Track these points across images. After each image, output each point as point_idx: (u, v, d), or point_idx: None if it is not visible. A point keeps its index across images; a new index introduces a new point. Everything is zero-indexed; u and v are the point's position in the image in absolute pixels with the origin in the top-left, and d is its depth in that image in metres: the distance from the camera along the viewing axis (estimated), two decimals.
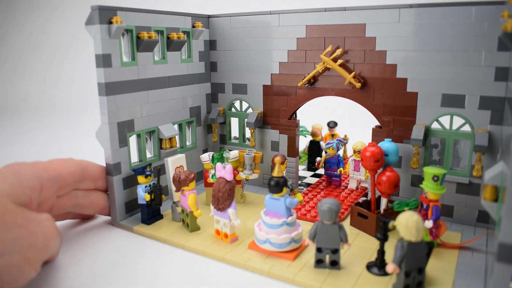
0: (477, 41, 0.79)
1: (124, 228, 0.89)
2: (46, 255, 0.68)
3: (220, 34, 1.08)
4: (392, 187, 0.82)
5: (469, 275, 0.69)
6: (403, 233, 0.64)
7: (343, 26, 0.92)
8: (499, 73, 0.79)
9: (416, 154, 0.87)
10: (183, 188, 0.85)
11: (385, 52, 0.89)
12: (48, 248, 0.68)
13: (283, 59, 1.01)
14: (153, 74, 0.94)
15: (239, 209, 0.95)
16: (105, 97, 0.84)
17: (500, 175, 0.64)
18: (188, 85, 1.05)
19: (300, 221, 0.85)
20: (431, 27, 0.83)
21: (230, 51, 1.08)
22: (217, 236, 0.84)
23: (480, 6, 0.78)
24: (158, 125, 0.97)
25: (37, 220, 0.67)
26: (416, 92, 0.87)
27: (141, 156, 0.95)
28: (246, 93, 1.08)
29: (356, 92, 0.94)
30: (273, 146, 1.07)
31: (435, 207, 0.78)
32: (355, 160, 1.04)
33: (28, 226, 0.64)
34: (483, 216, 0.85)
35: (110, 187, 0.88)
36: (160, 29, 0.94)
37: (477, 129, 0.82)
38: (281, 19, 0.99)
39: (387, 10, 0.86)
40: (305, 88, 1.00)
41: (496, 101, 0.80)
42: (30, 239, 0.64)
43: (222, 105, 1.13)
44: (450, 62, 0.82)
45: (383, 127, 0.93)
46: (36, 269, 0.65)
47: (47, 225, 0.68)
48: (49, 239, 0.68)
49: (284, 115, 1.04)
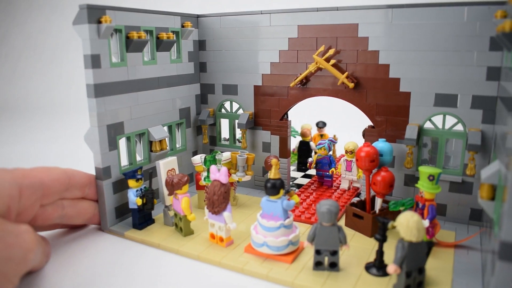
0: (469, 41, 0.80)
1: (114, 234, 0.87)
2: (25, 269, 0.65)
3: (210, 34, 1.06)
4: (387, 187, 0.82)
5: (466, 273, 0.70)
6: (404, 233, 0.63)
7: (336, 26, 0.92)
8: (491, 72, 0.80)
9: (410, 154, 0.88)
10: (176, 192, 0.83)
11: (377, 52, 0.89)
12: (27, 262, 0.65)
13: (274, 59, 1.00)
14: (142, 75, 0.92)
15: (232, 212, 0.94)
16: (94, 99, 0.81)
17: (497, 174, 0.64)
18: (178, 86, 1.03)
19: (295, 222, 0.84)
20: (423, 27, 0.83)
21: (220, 51, 1.06)
22: (212, 240, 0.82)
23: (472, 7, 0.78)
24: (148, 127, 0.95)
25: (15, 232, 0.64)
26: (409, 92, 0.87)
27: (131, 159, 0.92)
28: (237, 94, 1.07)
29: (349, 92, 0.94)
30: (264, 147, 1.06)
31: (431, 206, 0.78)
32: (347, 160, 1.04)
33: (4, 239, 0.61)
34: (476, 214, 0.86)
35: (100, 191, 0.85)
36: (150, 29, 0.92)
37: (469, 128, 0.83)
38: (272, 19, 0.98)
39: (379, 10, 0.86)
40: (297, 88, 0.99)
41: (488, 100, 0.81)
42: (6, 252, 0.60)
43: (212, 106, 1.11)
44: (443, 62, 0.83)
45: (376, 127, 0.93)
46: (13, 283, 0.62)
47: (26, 237, 0.65)
48: (27, 253, 0.65)
49: (276, 116, 1.03)
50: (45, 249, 0.74)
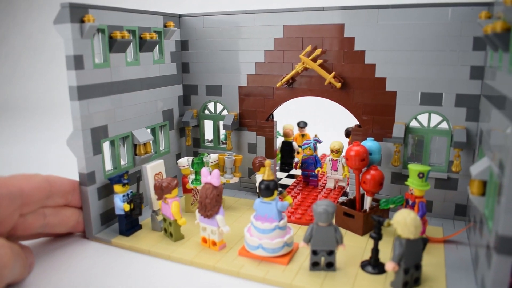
0: (453, 41, 0.82)
1: (101, 241, 0.84)
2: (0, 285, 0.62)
3: (192, 34, 1.04)
4: (377, 185, 0.83)
5: (458, 268, 0.72)
6: (401, 231, 0.64)
7: (322, 26, 0.92)
8: (474, 71, 0.82)
9: (397, 152, 0.89)
10: (165, 196, 0.81)
11: (364, 52, 0.90)
12: (2, 278, 0.62)
13: (259, 59, 0.99)
14: (126, 76, 0.89)
15: None
16: (78, 102, 0.78)
17: (487, 171, 0.66)
18: (161, 87, 1.01)
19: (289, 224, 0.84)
20: (409, 27, 0.85)
21: (203, 52, 1.04)
22: (204, 244, 0.80)
23: (456, 8, 0.80)
24: (132, 130, 0.92)
25: None
26: (395, 91, 0.89)
27: (115, 164, 0.89)
28: (221, 95, 1.05)
29: (335, 92, 0.94)
30: (250, 148, 1.05)
31: (421, 203, 0.80)
32: (333, 159, 1.04)
33: None
34: (461, 209, 0.89)
35: (84, 198, 0.82)
36: (132, 28, 0.89)
37: (454, 126, 0.85)
38: (257, 19, 0.97)
39: (365, 11, 0.87)
40: (283, 88, 0.99)
41: (471, 98, 0.83)
42: None
43: (195, 108, 1.09)
44: (428, 61, 0.85)
45: (363, 126, 0.94)
46: None
47: (0, 253, 0.62)
48: (2, 269, 0.61)
49: (261, 117, 1.03)
50: (26, 260, 0.70)
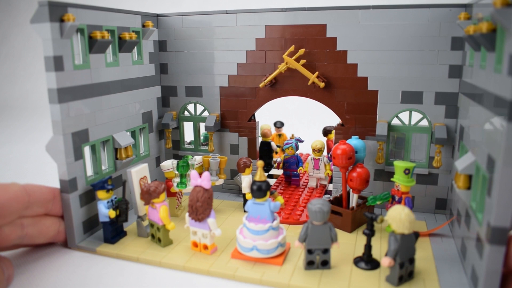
0: (432, 41, 0.85)
1: (84, 251, 0.80)
2: None
3: (171, 34, 1.02)
4: (363, 182, 0.85)
5: (446, 260, 0.74)
6: (397, 226, 0.66)
7: (304, 27, 0.92)
8: (452, 70, 0.85)
9: (381, 150, 0.91)
10: (153, 201, 0.79)
11: (346, 52, 0.91)
12: None
13: (241, 59, 0.98)
14: (105, 77, 0.86)
15: None
16: (58, 105, 0.74)
17: (473, 165, 0.69)
18: (140, 89, 0.98)
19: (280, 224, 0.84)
20: (389, 28, 0.87)
21: (182, 52, 1.02)
22: (195, 249, 0.79)
23: (435, 9, 0.83)
24: (112, 134, 0.88)
25: None
26: (377, 90, 0.91)
27: (96, 169, 0.85)
28: (201, 96, 1.04)
29: (318, 92, 0.95)
30: (232, 149, 1.04)
31: (407, 198, 0.82)
32: (315, 158, 1.05)
33: None
34: (441, 203, 0.92)
35: (66, 206, 0.78)
36: (111, 28, 0.86)
37: (434, 123, 0.88)
38: (239, 19, 0.96)
39: (347, 11, 0.89)
40: (266, 89, 0.98)
41: (450, 96, 0.87)
42: None
43: (174, 109, 1.07)
44: (408, 61, 0.87)
45: (346, 125, 0.95)
46: None
47: None
48: None
49: (244, 117, 1.02)
50: (4, 272, 0.66)
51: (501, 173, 0.55)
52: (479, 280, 0.61)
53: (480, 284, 0.61)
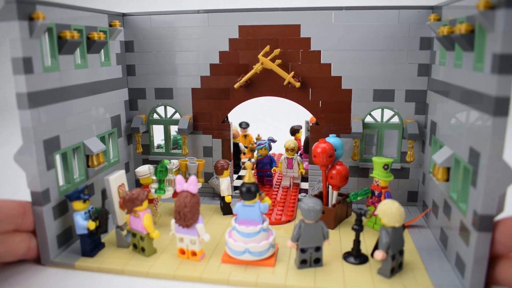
0: (402, 41, 0.89)
1: (61, 266, 0.74)
2: None
3: (139, 34, 0.98)
4: (343, 179, 0.87)
5: (428, 249, 0.78)
6: (388, 220, 0.68)
7: (278, 27, 0.93)
8: (421, 69, 0.90)
9: (356, 147, 0.94)
10: (135, 209, 0.75)
11: (320, 52, 0.93)
12: None
13: (214, 60, 0.97)
14: (75, 80, 0.80)
15: None
16: (29, 111, 0.68)
17: (451, 159, 0.73)
18: (108, 92, 0.93)
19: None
20: (362, 28, 0.90)
21: (151, 53, 0.98)
22: (182, 256, 0.76)
23: (404, 10, 0.87)
24: (83, 140, 0.83)
25: None
26: (350, 89, 0.93)
27: (68, 178, 0.80)
28: (172, 98, 1.00)
29: (293, 92, 0.96)
30: (206, 152, 1.02)
31: (387, 192, 0.85)
32: (288, 158, 1.06)
33: None
34: (413, 196, 0.97)
35: (39, 220, 0.72)
36: (79, 27, 0.80)
37: (405, 119, 0.93)
38: (211, 19, 0.94)
39: (321, 12, 0.90)
40: (239, 89, 0.97)
41: (419, 93, 0.91)
42: None
43: (143, 112, 1.02)
44: (380, 60, 0.91)
45: (321, 124, 0.97)
46: None
47: None
48: None
49: (217, 119, 1.00)
50: None
51: (488, 165, 0.59)
52: (466, 266, 0.65)
53: (467, 269, 0.64)
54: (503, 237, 0.61)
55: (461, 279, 0.67)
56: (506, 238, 0.61)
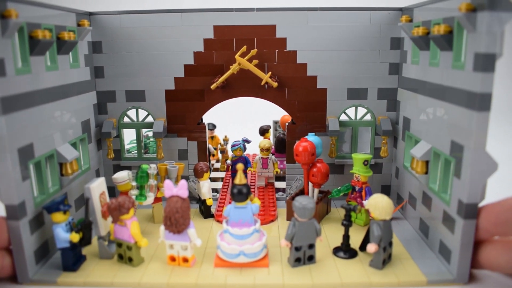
0: (374, 41, 0.92)
1: (42, 284, 0.69)
2: None
3: (107, 35, 0.93)
4: (325, 177, 0.88)
5: (410, 240, 0.82)
6: (379, 214, 0.70)
7: (253, 27, 0.92)
8: (392, 68, 0.94)
9: (333, 145, 0.96)
10: (121, 217, 0.71)
11: (295, 52, 0.94)
12: None
13: (188, 61, 0.94)
14: (46, 83, 0.75)
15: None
16: (3, 117, 0.62)
17: (430, 152, 0.77)
18: (78, 95, 0.87)
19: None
20: (335, 29, 0.92)
21: (120, 54, 0.94)
22: (173, 263, 0.73)
23: (375, 12, 0.91)
24: (56, 147, 0.77)
25: None
26: (326, 88, 0.96)
27: (42, 189, 0.74)
28: (145, 100, 0.97)
29: (270, 92, 0.96)
30: (181, 155, 1.00)
31: (368, 188, 0.88)
32: (263, 158, 1.06)
33: None
34: (386, 189, 1.01)
35: (15, 235, 0.66)
36: (49, 27, 0.75)
37: (378, 116, 0.96)
38: (184, 19, 0.92)
39: (296, 12, 0.91)
40: (215, 91, 0.96)
41: (390, 91, 0.95)
42: None
43: (112, 116, 0.97)
44: (353, 60, 0.94)
45: (297, 123, 0.98)
46: None
47: None
48: None
49: (192, 121, 0.98)
50: None
51: (473, 157, 0.63)
52: (452, 252, 0.69)
53: (454, 256, 0.68)
54: (486, 223, 0.66)
55: (447, 265, 0.71)
56: (488, 224, 0.65)
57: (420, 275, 0.69)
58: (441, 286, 0.68)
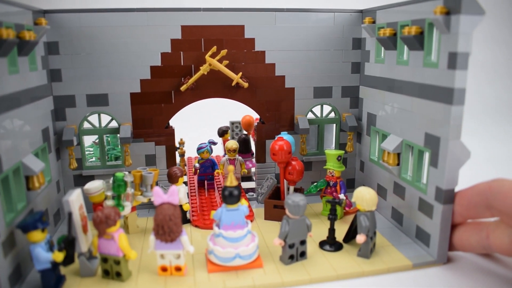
0: (337, 41, 0.96)
1: None
2: None
3: (65, 35, 0.85)
4: (301, 174, 0.90)
5: (384, 228, 0.87)
6: (366, 205, 0.74)
7: (222, 27, 0.91)
8: (354, 67, 0.99)
9: (303, 143, 0.98)
10: (107, 231, 0.66)
11: (264, 52, 0.94)
12: None
13: (155, 62, 0.90)
14: (9, 88, 0.67)
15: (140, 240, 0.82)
16: None
17: (401, 145, 0.83)
18: (38, 101, 0.79)
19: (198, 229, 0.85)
20: (302, 29, 0.94)
21: (80, 55, 0.87)
22: (164, 274, 0.70)
23: (338, 13, 0.95)
24: (21, 159, 0.70)
25: None
26: (293, 88, 0.98)
27: (10, 206, 0.66)
28: (108, 105, 0.91)
29: (239, 92, 0.96)
30: (148, 160, 0.95)
31: (342, 182, 0.92)
32: (230, 159, 1.06)
33: None
34: (350, 183, 1.06)
35: None
36: (9, 25, 0.67)
37: (343, 113, 1.01)
38: (150, 18, 0.88)
39: (264, 13, 0.92)
40: (183, 92, 0.93)
41: (353, 89, 1.00)
42: None
43: (72, 123, 0.90)
44: (318, 59, 0.97)
45: (266, 122, 0.99)
46: None
47: None
48: None
49: (160, 124, 0.94)
50: None
51: (450, 147, 0.69)
52: (432, 236, 0.74)
53: (433, 239, 0.74)
54: (459, 207, 0.72)
55: (426, 248, 0.76)
56: (461, 208, 0.72)
57: (404, 260, 0.74)
58: (424, 268, 0.73)
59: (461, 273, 0.71)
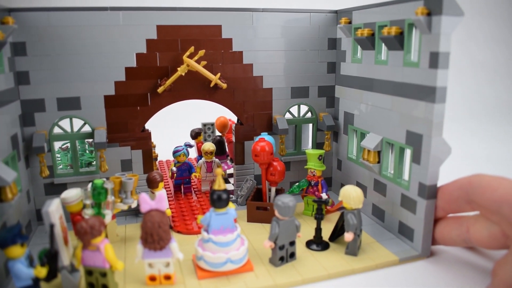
0: (313, 42, 0.97)
1: None
2: None
3: (33, 34, 0.80)
4: (283, 175, 0.90)
5: (366, 225, 0.88)
6: (354, 203, 0.75)
7: (199, 27, 0.89)
8: (330, 67, 1.00)
9: (282, 143, 0.98)
10: (92, 242, 0.63)
11: (241, 53, 0.93)
12: None
13: (130, 63, 0.87)
14: None
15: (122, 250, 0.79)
16: None
17: (381, 144, 0.85)
18: (5, 106, 0.74)
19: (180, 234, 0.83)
20: (279, 29, 0.94)
21: (49, 57, 0.82)
22: (153, 283, 0.68)
23: (314, 13, 0.95)
24: None
25: None
26: (271, 88, 0.97)
27: None
28: (80, 108, 0.86)
29: (217, 93, 0.94)
30: (124, 165, 0.91)
31: (323, 181, 0.92)
32: (207, 161, 1.04)
33: None
34: (327, 181, 1.07)
35: None
36: None
37: (319, 113, 1.01)
38: (125, 17, 0.84)
39: (241, 13, 0.91)
40: (160, 94, 0.90)
41: (329, 89, 1.01)
42: None
43: (42, 128, 0.84)
44: (295, 59, 0.97)
45: (245, 123, 0.98)
46: None
47: None
48: None
49: (135, 128, 0.90)
50: None
51: (432, 143, 0.71)
52: (415, 231, 0.77)
53: (417, 233, 0.76)
54: (440, 202, 0.75)
55: (410, 243, 0.78)
56: (442, 202, 0.74)
57: (391, 255, 0.76)
58: (409, 262, 0.75)
59: (445, 266, 0.74)
